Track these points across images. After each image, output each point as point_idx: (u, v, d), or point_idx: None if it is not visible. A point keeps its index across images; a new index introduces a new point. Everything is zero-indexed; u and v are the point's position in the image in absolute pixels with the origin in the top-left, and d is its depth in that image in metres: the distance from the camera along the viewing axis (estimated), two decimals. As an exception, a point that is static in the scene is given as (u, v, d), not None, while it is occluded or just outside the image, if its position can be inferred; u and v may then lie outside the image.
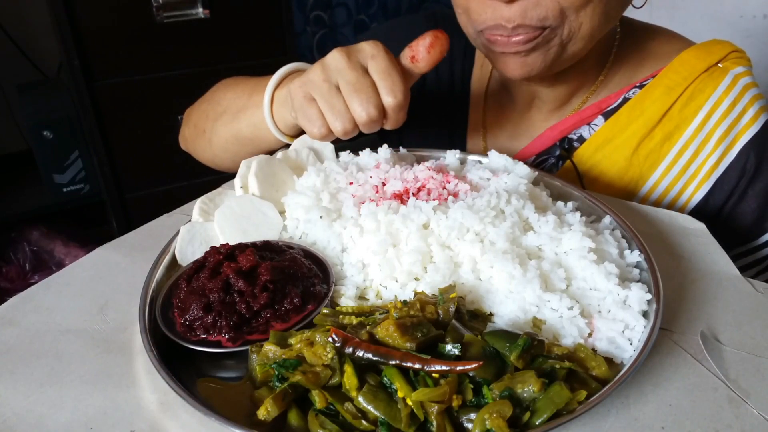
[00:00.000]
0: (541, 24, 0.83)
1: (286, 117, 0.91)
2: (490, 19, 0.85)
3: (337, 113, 0.80)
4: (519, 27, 0.83)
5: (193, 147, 1.16)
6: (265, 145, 0.99)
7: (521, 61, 0.87)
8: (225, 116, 1.02)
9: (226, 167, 1.12)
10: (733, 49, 0.98)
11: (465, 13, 0.89)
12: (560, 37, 0.85)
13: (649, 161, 0.98)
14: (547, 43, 0.85)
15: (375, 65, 0.80)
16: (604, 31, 0.89)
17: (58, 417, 0.58)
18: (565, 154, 1.03)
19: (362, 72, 0.80)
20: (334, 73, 0.81)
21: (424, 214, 0.74)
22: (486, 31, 0.87)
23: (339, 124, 0.81)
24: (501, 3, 0.82)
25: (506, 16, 0.83)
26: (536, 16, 0.82)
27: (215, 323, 0.64)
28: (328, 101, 0.80)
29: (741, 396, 0.59)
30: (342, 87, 0.80)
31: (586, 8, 0.83)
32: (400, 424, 0.53)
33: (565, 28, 0.84)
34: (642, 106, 0.98)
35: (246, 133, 0.99)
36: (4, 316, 0.71)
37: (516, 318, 0.65)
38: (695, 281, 0.75)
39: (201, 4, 2.14)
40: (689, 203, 0.98)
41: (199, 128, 1.10)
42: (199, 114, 1.11)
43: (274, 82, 0.92)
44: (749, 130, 0.95)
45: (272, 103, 0.92)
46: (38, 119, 2.26)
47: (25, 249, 2.36)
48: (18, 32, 2.45)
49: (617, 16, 0.91)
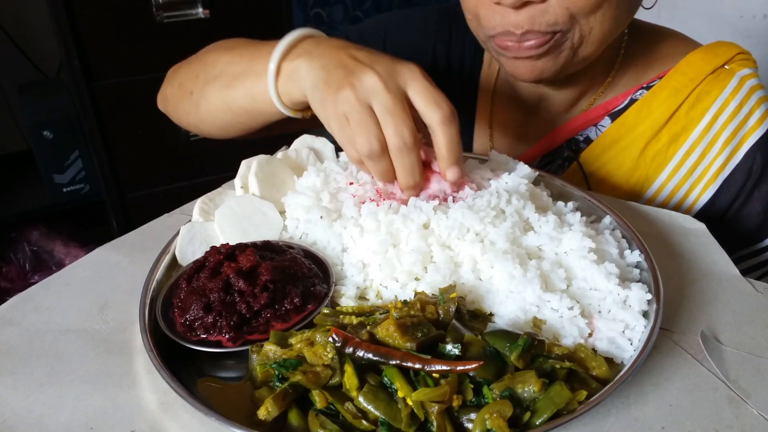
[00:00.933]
0: (551, 29, 0.82)
1: (292, 93, 0.82)
2: (499, 26, 0.84)
3: (369, 136, 0.73)
4: (528, 33, 0.82)
5: (173, 108, 1.06)
6: (262, 118, 0.91)
7: (532, 64, 0.87)
8: (218, 81, 0.93)
9: (210, 134, 1.04)
10: (740, 51, 0.98)
11: (475, 18, 0.89)
12: (571, 41, 0.85)
13: (655, 163, 0.98)
14: (558, 47, 0.85)
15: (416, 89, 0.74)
16: (615, 34, 0.88)
17: (58, 417, 0.58)
18: (572, 155, 1.02)
19: (400, 96, 0.73)
20: (370, 93, 0.73)
21: (425, 214, 0.74)
22: (496, 37, 0.86)
23: (365, 147, 0.73)
24: (509, 9, 0.81)
25: (514, 22, 0.82)
26: (545, 22, 0.81)
27: (215, 323, 0.63)
28: (361, 124, 0.73)
29: (741, 396, 0.59)
30: (377, 110, 0.73)
31: (596, 13, 0.82)
32: (400, 424, 0.53)
33: (576, 33, 0.84)
34: (649, 108, 0.98)
35: (242, 102, 0.90)
36: (4, 316, 0.71)
37: (516, 318, 0.65)
38: (695, 281, 0.75)
39: (201, 4, 2.14)
40: (695, 205, 0.98)
41: (185, 89, 1.00)
42: (187, 74, 1.01)
43: (281, 51, 0.83)
44: (756, 132, 0.95)
45: (278, 74, 0.83)
46: (38, 119, 2.26)
47: (25, 249, 2.36)
48: (18, 32, 2.44)
49: (627, 19, 0.91)
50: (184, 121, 1.06)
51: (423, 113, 0.74)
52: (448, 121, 0.73)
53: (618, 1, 0.83)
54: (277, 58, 0.82)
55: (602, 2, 0.81)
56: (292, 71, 0.81)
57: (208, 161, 2.29)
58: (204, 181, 1.11)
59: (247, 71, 0.88)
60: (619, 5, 0.83)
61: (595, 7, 0.81)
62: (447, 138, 0.74)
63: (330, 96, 0.75)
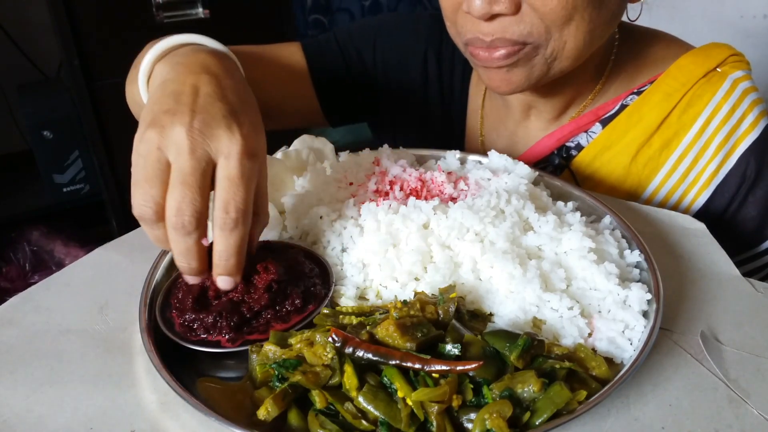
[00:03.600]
0: (522, 40, 0.81)
1: None
2: (469, 32, 0.84)
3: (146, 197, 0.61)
4: (497, 40, 0.81)
5: None
6: None
7: (505, 77, 0.86)
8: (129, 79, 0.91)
9: None
10: (732, 53, 0.97)
11: (453, 25, 0.89)
12: (543, 56, 0.84)
13: (647, 169, 0.97)
14: (529, 60, 0.84)
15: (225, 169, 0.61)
16: (591, 49, 0.87)
17: (58, 417, 0.58)
18: (564, 162, 1.02)
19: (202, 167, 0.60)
20: (172, 147, 0.60)
21: (424, 214, 0.74)
22: (469, 45, 0.86)
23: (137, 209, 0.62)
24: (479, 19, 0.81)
25: (484, 30, 0.82)
26: (517, 31, 0.80)
27: (215, 323, 0.63)
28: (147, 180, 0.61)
29: (741, 396, 0.59)
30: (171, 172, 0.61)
31: (569, 26, 0.80)
32: (400, 424, 0.53)
33: (549, 47, 0.82)
34: (640, 113, 0.97)
35: (133, 106, 0.91)
36: (4, 316, 0.71)
37: (516, 318, 0.65)
38: (695, 281, 0.75)
39: (201, 4, 2.14)
40: (689, 211, 0.97)
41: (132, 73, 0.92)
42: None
43: (149, 63, 0.74)
44: (749, 136, 0.94)
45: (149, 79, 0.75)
46: (38, 119, 2.26)
47: (25, 249, 2.36)
48: (18, 32, 2.45)
49: (605, 32, 0.89)
50: None
51: (214, 203, 0.61)
52: (229, 228, 0.61)
53: (591, 15, 0.80)
54: (150, 61, 0.74)
55: (573, 14, 0.79)
56: (154, 76, 0.74)
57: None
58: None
59: (132, 74, 0.87)
60: (592, 18, 0.81)
61: (567, 20, 0.79)
62: (223, 246, 0.61)
63: (141, 128, 0.63)
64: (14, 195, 2.46)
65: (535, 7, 0.78)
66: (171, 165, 0.60)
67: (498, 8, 0.78)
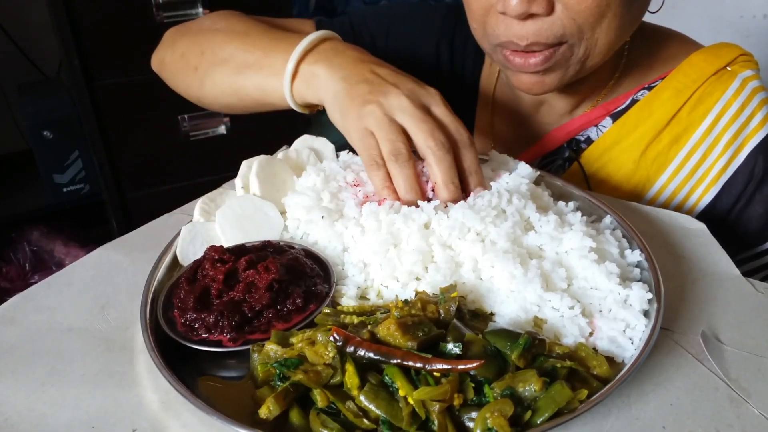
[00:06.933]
0: (557, 40, 0.82)
1: (307, 96, 0.86)
2: (503, 35, 0.84)
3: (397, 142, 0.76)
4: (533, 44, 0.82)
5: (171, 76, 1.07)
6: (267, 108, 0.95)
7: (539, 80, 0.87)
8: (227, 65, 0.95)
9: (209, 108, 1.07)
10: (742, 53, 0.98)
11: (480, 27, 0.88)
12: (577, 56, 0.84)
13: (656, 164, 0.97)
14: (565, 61, 0.85)
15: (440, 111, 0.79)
16: (619, 44, 0.88)
17: (60, 416, 0.58)
18: (573, 155, 1.02)
19: (428, 111, 0.78)
20: (396, 109, 0.77)
21: (425, 214, 0.74)
22: (502, 48, 0.86)
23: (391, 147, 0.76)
24: (514, 20, 0.81)
25: (519, 33, 0.82)
26: (552, 34, 0.81)
27: (217, 323, 0.64)
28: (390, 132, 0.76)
29: (742, 396, 0.59)
30: (406, 123, 0.76)
31: (602, 24, 0.81)
32: (401, 423, 0.53)
33: (582, 46, 0.83)
34: (650, 108, 0.98)
35: (251, 92, 0.94)
36: (5, 316, 0.71)
37: (517, 317, 0.65)
38: (696, 281, 0.75)
39: (201, 4, 2.13)
40: (696, 207, 0.97)
41: (189, 62, 1.01)
42: (191, 46, 1.02)
43: (300, 53, 0.85)
44: (757, 134, 0.95)
45: (294, 75, 0.86)
46: (38, 119, 2.26)
47: (25, 249, 2.36)
48: (18, 32, 2.45)
49: (632, 28, 0.90)
50: (182, 91, 1.08)
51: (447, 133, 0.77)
52: (467, 146, 0.78)
53: (622, 11, 0.82)
54: (296, 59, 0.85)
55: (606, 12, 0.80)
56: (310, 76, 0.85)
57: (208, 161, 2.29)
58: (204, 181, 1.11)
59: (260, 63, 0.91)
60: (623, 15, 0.82)
61: (600, 18, 0.80)
62: (469, 159, 0.78)
63: (353, 110, 0.78)
64: (14, 195, 2.46)
65: (569, 7, 0.79)
66: (402, 122, 0.76)
67: (534, 8, 0.79)
